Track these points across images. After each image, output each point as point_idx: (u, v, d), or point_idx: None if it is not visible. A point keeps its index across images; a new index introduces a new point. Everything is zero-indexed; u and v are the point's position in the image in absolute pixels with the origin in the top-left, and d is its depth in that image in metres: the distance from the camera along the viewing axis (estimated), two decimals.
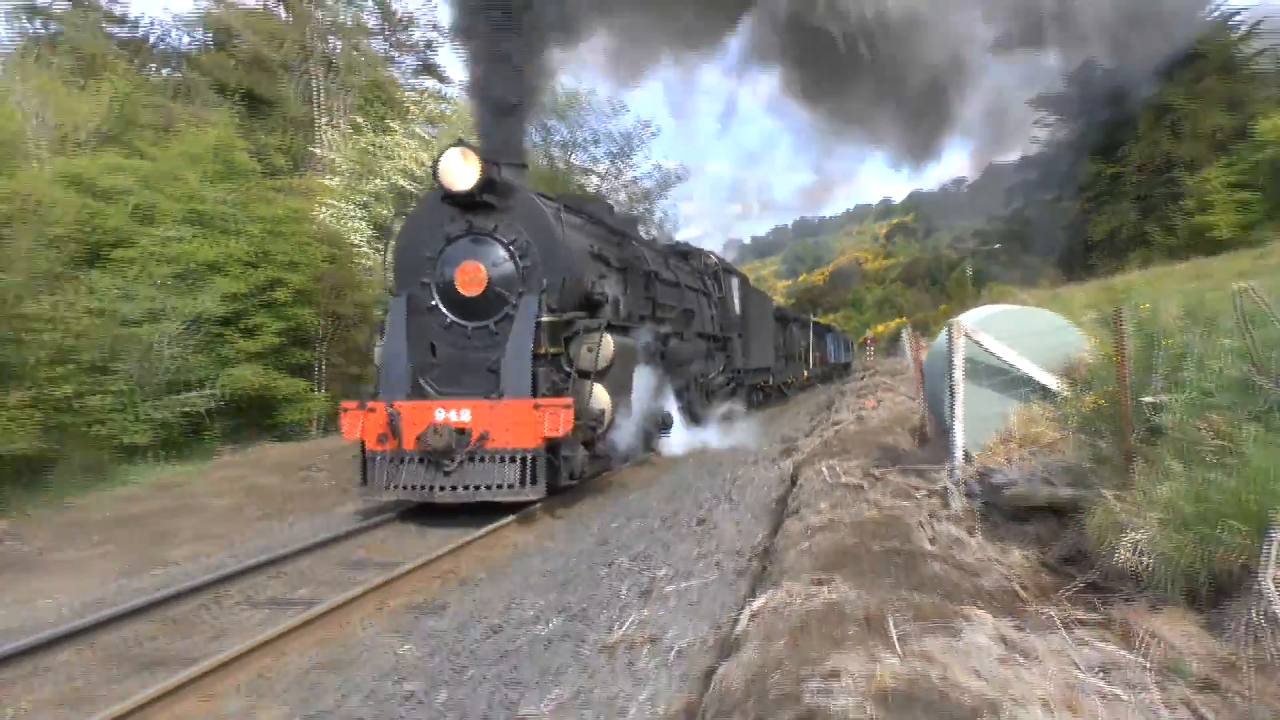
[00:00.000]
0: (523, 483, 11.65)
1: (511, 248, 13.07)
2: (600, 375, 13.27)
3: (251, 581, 9.25)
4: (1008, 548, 7.04)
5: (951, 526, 7.63)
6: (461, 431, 11.75)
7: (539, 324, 12.53)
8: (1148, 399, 6.64)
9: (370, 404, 12.20)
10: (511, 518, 11.61)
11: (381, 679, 6.32)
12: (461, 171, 12.67)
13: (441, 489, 11.71)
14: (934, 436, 11.80)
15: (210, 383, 19.49)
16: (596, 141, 43.83)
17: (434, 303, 13.22)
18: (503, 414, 11.78)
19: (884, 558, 6.53)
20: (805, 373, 44.52)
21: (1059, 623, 5.28)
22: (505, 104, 13.74)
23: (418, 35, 38.56)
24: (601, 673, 6.19)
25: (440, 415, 11.85)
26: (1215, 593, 5.06)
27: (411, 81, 39.08)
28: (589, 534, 10.94)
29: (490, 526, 11.27)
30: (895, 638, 4.71)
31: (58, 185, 19.95)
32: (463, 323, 13.17)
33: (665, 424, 18.48)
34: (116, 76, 28.67)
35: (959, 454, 8.61)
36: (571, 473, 12.48)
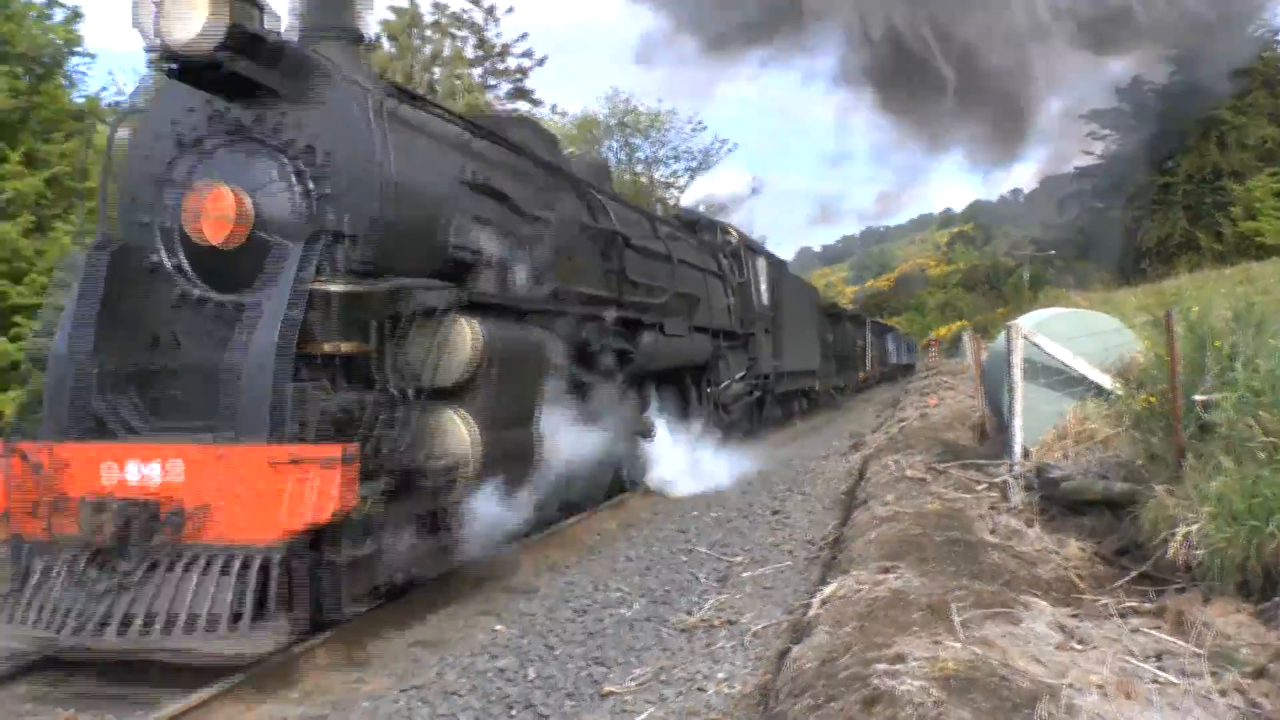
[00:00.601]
0: (250, 613, 5.63)
1: (296, 162, 6.68)
2: (459, 395, 7.16)
3: None
4: (1064, 539, 6.91)
5: (1010, 519, 7.51)
6: (150, 505, 5.79)
7: (313, 296, 6.26)
8: (1198, 397, 6.47)
9: (21, 446, 6.20)
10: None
11: (475, 655, 6.34)
12: (181, 12, 6.24)
13: (96, 625, 5.63)
14: (993, 433, 11.62)
15: None
16: (677, 158, 43.88)
17: (158, 258, 6.87)
18: (225, 473, 5.83)
19: (946, 548, 6.44)
20: (861, 374, 40.36)
21: (1114, 612, 5.17)
22: None
23: (511, 63, 38.75)
24: (681, 653, 6.17)
25: (116, 473, 5.99)
26: (1266, 584, 4.91)
27: (505, 105, 39.40)
28: None
29: None
30: (957, 624, 4.63)
31: None
32: (207, 295, 6.79)
33: (641, 452, 12.42)
34: None
35: (1017, 449, 8.46)
36: (375, 582, 6.43)
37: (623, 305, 11.06)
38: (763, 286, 19.64)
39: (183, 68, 6.52)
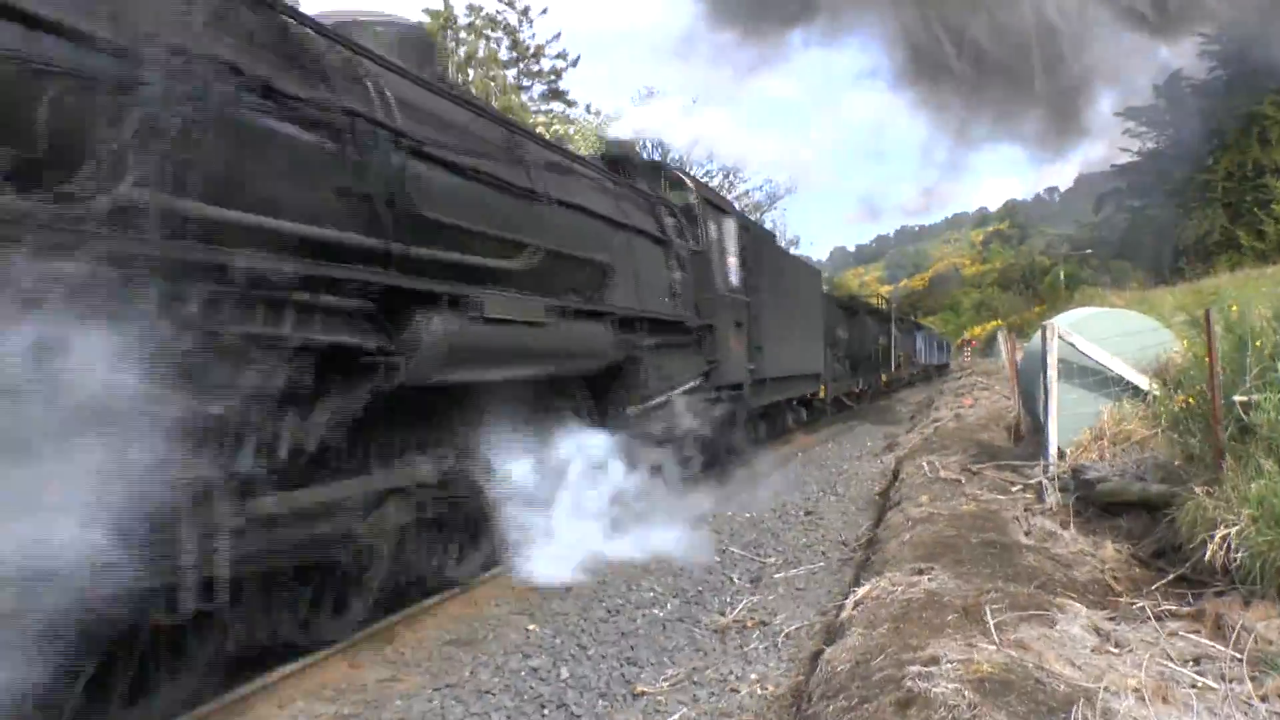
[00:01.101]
0: None
1: None
2: None
3: None
4: (1100, 541, 6.84)
5: (1045, 520, 7.44)
6: None
7: None
8: (1238, 398, 6.37)
9: None
10: None
11: (509, 654, 6.34)
12: None
13: None
14: (1028, 434, 11.54)
15: None
16: (710, 158, 43.72)
17: None
18: None
19: (981, 549, 6.39)
20: (884, 377, 35.23)
21: (1151, 615, 5.10)
22: None
23: (546, 65, 38.86)
24: (714, 653, 6.16)
25: None
26: None
27: (540, 106, 39.53)
28: None
29: None
30: (992, 626, 4.59)
31: None
32: None
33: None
34: None
35: (1053, 450, 8.39)
36: None
37: (397, 261, 5.80)
38: (731, 260, 13.70)
39: None
